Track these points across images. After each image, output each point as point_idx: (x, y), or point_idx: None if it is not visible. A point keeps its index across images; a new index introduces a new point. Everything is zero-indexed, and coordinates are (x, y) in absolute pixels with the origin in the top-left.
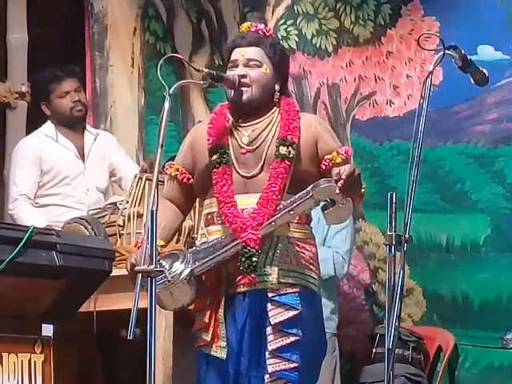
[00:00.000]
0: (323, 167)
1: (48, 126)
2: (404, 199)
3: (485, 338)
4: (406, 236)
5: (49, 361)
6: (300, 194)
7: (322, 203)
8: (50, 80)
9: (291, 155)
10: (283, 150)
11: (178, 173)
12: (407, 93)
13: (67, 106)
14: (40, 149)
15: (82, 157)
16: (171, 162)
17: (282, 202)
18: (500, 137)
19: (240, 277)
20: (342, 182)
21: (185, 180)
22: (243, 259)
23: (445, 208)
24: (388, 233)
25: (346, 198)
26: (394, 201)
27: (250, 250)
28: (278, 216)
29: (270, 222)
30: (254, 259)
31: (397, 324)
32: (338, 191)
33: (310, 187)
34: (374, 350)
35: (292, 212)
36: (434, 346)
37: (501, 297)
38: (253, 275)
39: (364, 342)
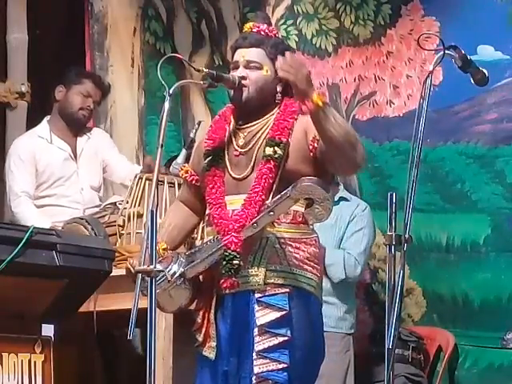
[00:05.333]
0: (311, 149)
1: (43, 127)
2: (404, 199)
3: (485, 338)
4: (406, 236)
5: (49, 361)
6: (281, 194)
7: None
8: (87, 74)
9: (277, 155)
10: (269, 150)
11: (187, 175)
12: (407, 93)
13: (78, 104)
14: (34, 150)
15: (76, 157)
16: (183, 165)
17: (267, 203)
18: (500, 137)
19: (223, 280)
20: (281, 61)
21: (193, 182)
22: (224, 262)
23: (445, 208)
24: (388, 233)
25: (324, 197)
26: (394, 201)
27: (230, 254)
28: (258, 218)
29: (252, 224)
30: (235, 262)
31: (397, 324)
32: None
33: (290, 187)
34: (373, 350)
35: (272, 213)
36: (433, 346)
37: (501, 297)
38: (234, 279)
39: (364, 341)
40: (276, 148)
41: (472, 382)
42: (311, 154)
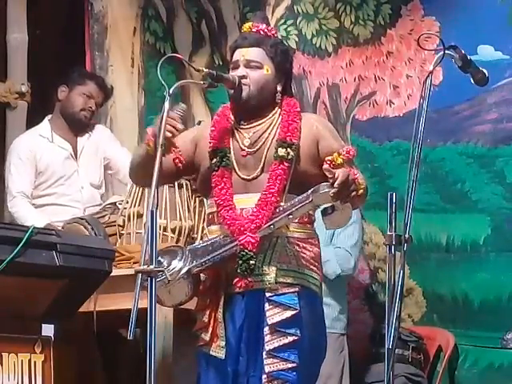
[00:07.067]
0: (326, 162)
1: (44, 126)
2: (404, 199)
3: (485, 338)
4: (406, 236)
5: (49, 361)
6: (300, 197)
7: (322, 207)
8: (90, 75)
9: (290, 156)
10: (282, 151)
11: (174, 152)
12: (407, 93)
13: (79, 105)
14: (34, 149)
15: (76, 155)
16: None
17: (282, 204)
18: (500, 137)
19: (237, 279)
20: (335, 190)
21: (176, 160)
22: (240, 262)
23: (445, 208)
24: (388, 233)
25: (345, 204)
26: (394, 201)
27: (247, 253)
28: (276, 220)
29: (269, 226)
30: (251, 262)
31: (397, 324)
32: (332, 200)
33: (310, 191)
34: (373, 350)
35: (291, 216)
36: (434, 346)
37: (501, 297)
38: (249, 278)
39: (364, 341)
40: (289, 149)
41: (472, 382)
42: (322, 171)
